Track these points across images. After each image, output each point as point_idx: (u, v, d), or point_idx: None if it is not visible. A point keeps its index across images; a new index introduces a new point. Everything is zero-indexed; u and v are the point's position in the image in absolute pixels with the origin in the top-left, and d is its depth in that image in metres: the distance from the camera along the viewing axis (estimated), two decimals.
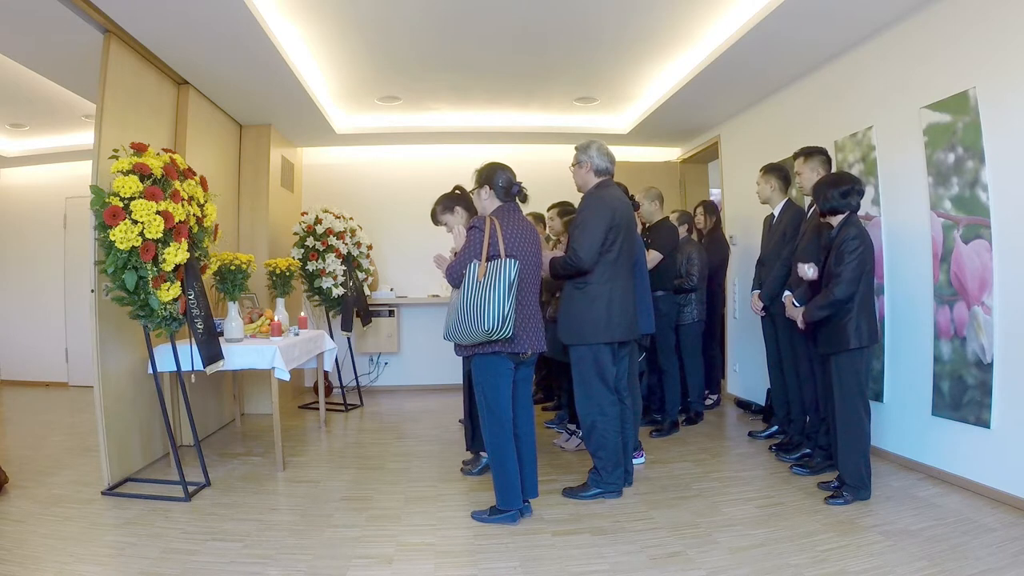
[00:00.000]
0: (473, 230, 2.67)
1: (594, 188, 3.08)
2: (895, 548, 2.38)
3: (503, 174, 2.78)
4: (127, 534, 2.64)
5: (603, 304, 2.97)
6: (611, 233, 2.96)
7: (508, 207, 2.77)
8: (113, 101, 3.31)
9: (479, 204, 2.85)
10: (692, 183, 6.54)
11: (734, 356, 5.38)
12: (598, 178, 3.09)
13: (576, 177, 3.16)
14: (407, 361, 6.33)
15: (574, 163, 3.14)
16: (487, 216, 2.70)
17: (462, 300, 2.58)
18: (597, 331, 2.98)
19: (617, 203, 3.04)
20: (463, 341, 2.63)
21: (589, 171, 3.09)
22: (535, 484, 2.85)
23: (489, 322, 2.50)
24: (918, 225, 3.27)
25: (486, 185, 2.79)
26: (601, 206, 2.99)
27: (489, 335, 2.53)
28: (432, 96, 5.03)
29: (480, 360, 2.70)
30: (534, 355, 2.79)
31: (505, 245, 2.62)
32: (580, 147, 3.13)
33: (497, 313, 2.50)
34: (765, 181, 3.82)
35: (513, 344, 2.65)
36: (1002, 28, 2.77)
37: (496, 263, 2.56)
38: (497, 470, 2.73)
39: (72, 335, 6.31)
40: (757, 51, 3.82)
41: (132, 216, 2.79)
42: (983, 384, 2.90)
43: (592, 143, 3.12)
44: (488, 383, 2.70)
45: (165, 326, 3.04)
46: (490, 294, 2.51)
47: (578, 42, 3.96)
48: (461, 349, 2.74)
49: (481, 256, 2.60)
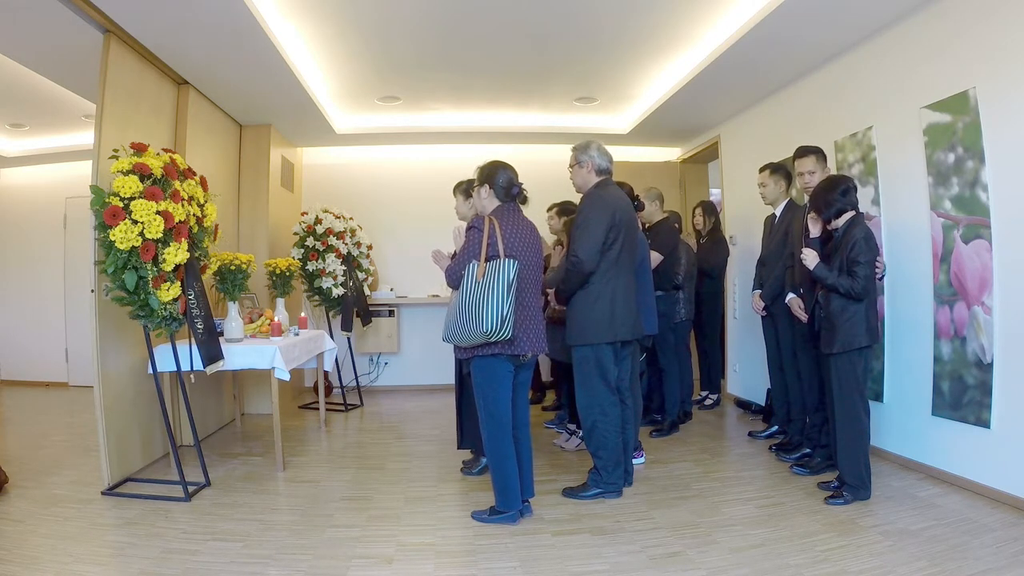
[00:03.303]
0: (472, 230, 2.64)
1: (594, 188, 3.06)
2: (895, 548, 2.38)
3: (504, 173, 2.75)
4: (127, 534, 2.64)
5: (606, 303, 2.96)
6: (612, 232, 2.95)
7: (508, 207, 2.74)
8: (113, 101, 3.31)
9: (478, 203, 2.82)
10: (692, 183, 6.54)
11: (734, 356, 5.38)
12: (598, 178, 3.08)
13: (576, 178, 3.13)
14: (407, 361, 6.33)
15: (573, 163, 3.12)
16: (486, 216, 2.67)
17: (461, 301, 2.56)
18: (600, 331, 2.96)
19: (618, 202, 3.03)
20: (462, 343, 2.60)
21: (591, 171, 3.07)
22: (531, 484, 2.85)
23: (488, 323, 2.47)
24: (918, 225, 3.27)
25: (486, 184, 2.76)
26: (601, 205, 2.97)
27: (488, 336, 2.51)
28: (432, 96, 5.03)
29: (480, 362, 2.67)
30: (534, 357, 2.77)
31: (504, 245, 2.59)
32: (579, 147, 3.11)
33: (496, 314, 2.47)
34: (774, 182, 3.80)
35: (513, 346, 2.63)
36: (1002, 28, 2.77)
37: (495, 263, 2.54)
38: (496, 472, 2.72)
39: (72, 335, 6.31)
40: (757, 51, 3.82)
41: (132, 216, 2.79)
42: (983, 384, 2.90)
43: (591, 143, 3.11)
44: (488, 386, 2.68)
45: (165, 326, 3.04)
46: (489, 295, 2.49)
47: (578, 42, 3.96)
48: (461, 351, 2.72)
49: (480, 256, 2.58)
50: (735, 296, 5.28)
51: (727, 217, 5.41)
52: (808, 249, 3.01)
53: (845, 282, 2.84)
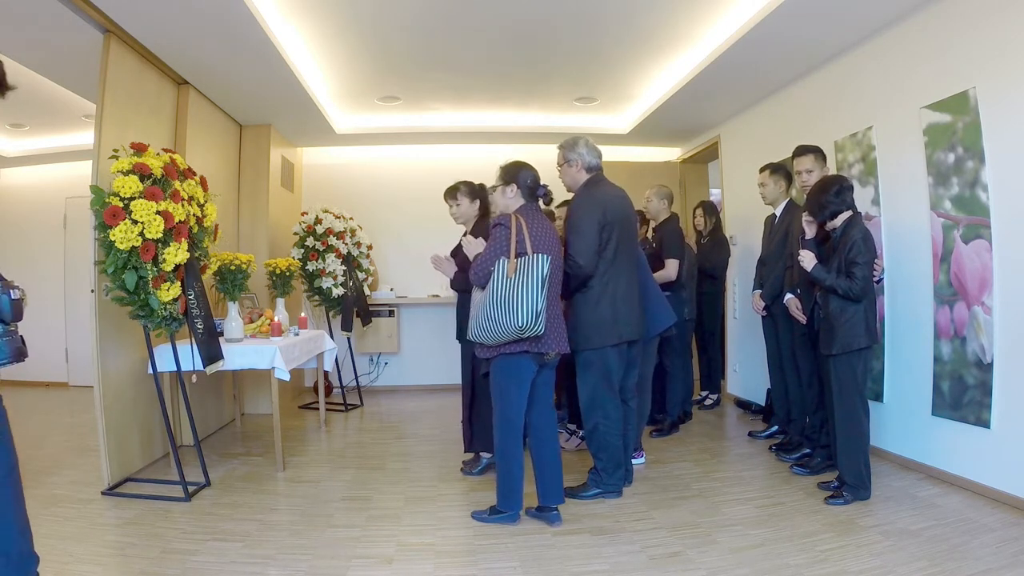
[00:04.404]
0: (499, 227, 2.63)
1: (583, 188, 3.00)
2: (895, 548, 2.38)
3: (530, 173, 2.76)
4: (127, 534, 2.64)
5: (607, 305, 2.91)
6: (604, 232, 2.89)
7: (531, 207, 2.74)
8: (113, 101, 3.31)
9: (501, 201, 2.79)
10: (692, 183, 6.54)
11: (734, 356, 5.38)
12: (588, 175, 3.01)
13: (565, 177, 3.07)
14: (407, 361, 6.33)
15: (561, 162, 3.05)
16: (512, 214, 2.67)
17: (491, 297, 2.53)
18: (603, 334, 2.91)
19: (608, 199, 2.96)
20: (491, 340, 2.56)
21: (580, 169, 3.01)
22: (560, 489, 2.77)
23: (523, 318, 2.45)
24: (918, 225, 3.27)
25: (512, 183, 2.75)
26: (591, 204, 2.92)
27: (522, 332, 2.49)
28: (432, 96, 5.03)
29: (503, 361, 2.64)
30: (556, 358, 2.74)
31: (532, 243, 2.59)
32: (566, 145, 3.03)
33: (531, 308, 2.46)
34: (774, 182, 3.81)
35: (540, 343, 2.61)
36: (1002, 28, 2.77)
37: (526, 259, 2.53)
38: (502, 471, 2.71)
39: (72, 335, 6.32)
40: (757, 51, 3.82)
41: (132, 216, 2.79)
42: (983, 384, 2.90)
43: (579, 139, 3.03)
44: (507, 384, 2.66)
45: (165, 326, 3.04)
46: (522, 290, 2.47)
47: (578, 42, 3.96)
48: (484, 350, 2.68)
49: (509, 253, 2.56)
50: (735, 296, 5.28)
51: (727, 217, 5.41)
52: (805, 251, 3.00)
53: (843, 283, 2.84)
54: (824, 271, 2.91)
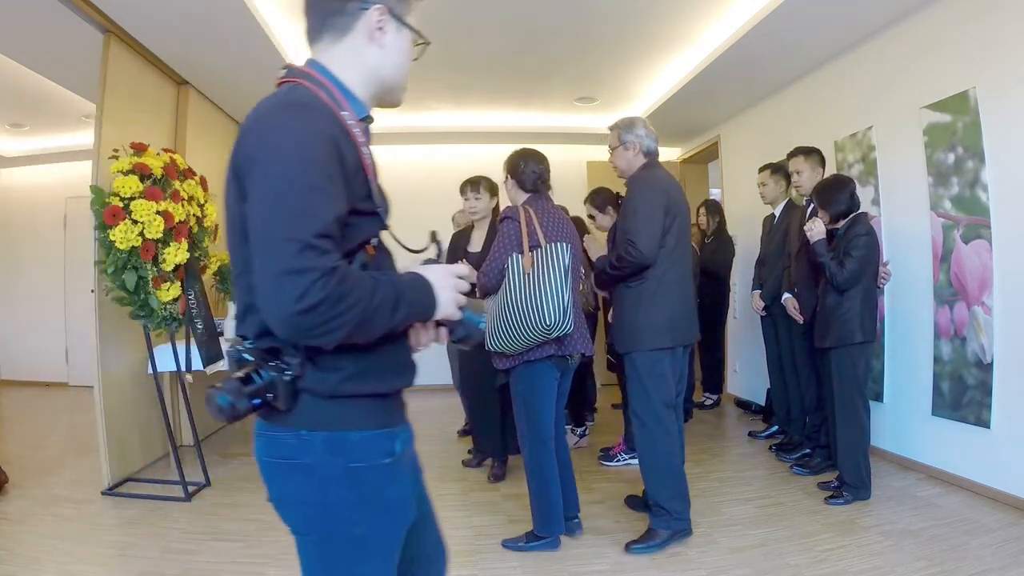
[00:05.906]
0: (507, 221, 2.43)
1: (640, 170, 2.62)
2: (895, 548, 2.38)
3: (532, 166, 2.54)
4: (127, 534, 2.64)
5: (663, 302, 2.48)
6: (668, 218, 2.49)
7: (539, 196, 2.53)
8: (113, 101, 3.31)
9: (510, 194, 2.62)
10: (692, 183, 6.52)
11: (734, 356, 5.38)
12: (645, 159, 2.64)
13: (620, 161, 2.66)
14: None
15: (615, 144, 2.66)
16: (519, 206, 2.49)
17: (507, 299, 2.28)
18: (658, 335, 2.47)
19: (669, 186, 2.60)
20: (513, 347, 2.30)
21: (638, 153, 2.61)
22: (576, 497, 2.61)
23: (549, 316, 2.19)
24: (918, 225, 3.27)
25: (510, 177, 2.57)
26: (655, 187, 2.53)
27: (549, 332, 2.23)
28: (431, 96, 5.02)
29: (526, 371, 2.38)
30: (575, 363, 2.50)
31: (544, 233, 2.37)
32: (623, 125, 2.65)
33: (557, 304, 2.21)
34: (773, 182, 3.81)
35: (563, 345, 2.37)
36: (1002, 28, 2.77)
37: (542, 251, 2.30)
38: (538, 492, 2.43)
39: (72, 335, 6.30)
40: (757, 51, 3.81)
41: (132, 216, 2.80)
42: (983, 384, 2.90)
43: (637, 120, 2.67)
44: (533, 395, 2.40)
45: (165, 326, 3.05)
46: (544, 284, 2.23)
47: (578, 42, 3.96)
48: (503, 360, 2.41)
49: (523, 247, 2.34)
50: (735, 296, 5.28)
51: (727, 217, 5.40)
52: (817, 220, 2.98)
53: (833, 267, 2.87)
54: (825, 248, 2.92)
